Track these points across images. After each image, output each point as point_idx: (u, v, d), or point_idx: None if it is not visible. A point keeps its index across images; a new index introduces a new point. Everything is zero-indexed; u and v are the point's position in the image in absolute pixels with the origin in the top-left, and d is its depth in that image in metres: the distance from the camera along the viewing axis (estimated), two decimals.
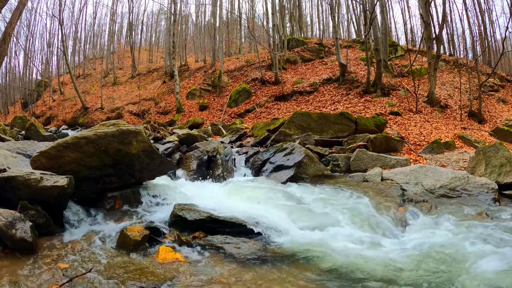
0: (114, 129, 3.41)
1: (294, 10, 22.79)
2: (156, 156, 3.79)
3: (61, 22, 21.99)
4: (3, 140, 6.64)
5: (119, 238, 2.62)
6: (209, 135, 9.50)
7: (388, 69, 13.90)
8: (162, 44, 38.07)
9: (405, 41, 23.49)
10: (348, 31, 27.57)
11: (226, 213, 3.15)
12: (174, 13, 19.39)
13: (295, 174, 4.97)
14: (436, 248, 2.70)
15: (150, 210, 3.50)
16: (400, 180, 4.52)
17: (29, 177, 2.75)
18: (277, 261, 2.52)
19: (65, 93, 26.43)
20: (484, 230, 3.05)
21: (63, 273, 2.12)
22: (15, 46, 30.53)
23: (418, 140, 8.09)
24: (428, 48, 11.49)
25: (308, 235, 3.03)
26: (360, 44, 18.07)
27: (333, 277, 2.29)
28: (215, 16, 23.50)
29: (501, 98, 13.70)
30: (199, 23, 32.55)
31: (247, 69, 18.24)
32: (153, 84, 23.03)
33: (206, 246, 2.71)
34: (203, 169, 5.41)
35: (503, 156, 4.37)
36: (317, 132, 7.27)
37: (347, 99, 12.12)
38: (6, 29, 9.23)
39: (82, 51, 35.65)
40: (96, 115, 20.03)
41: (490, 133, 9.49)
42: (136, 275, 2.16)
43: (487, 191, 3.97)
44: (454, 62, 16.49)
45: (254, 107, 13.86)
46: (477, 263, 2.40)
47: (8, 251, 2.32)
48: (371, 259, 2.52)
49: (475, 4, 19.36)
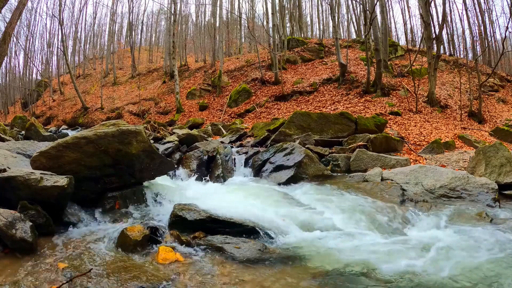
0: (114, 129, 3.42)
1: (294, 10, 22.79)
2: (156, 156, 3.79)
3: (61, 22, 21.99)
4: (3, 140, 6.64)
5: (119, 238, 2.62)
6: (209, 135, 9.50)
7: (388, 69, 13.91)
8: (162, 44, 38.09)
9: (405, 41, 23.53)
10: (348, 31, 27.60)
11: (226, 213, 3.15)
12: (174, 13, 19.39)
13: (295, 174, 4.97)
14: (436, 248, 2.70)
15: (150, 210, 3.51)
16: (400, 180, 4.52)
17: (29, 177, 2.75)
18: (277, 261, 2.52)
19: (65, 93, 26.44)
20: (484, 230, 3.05)
21: (63, 273, 2.12)
22: (15, 46, 30.59)
23: (418, 140, 8.09)
24: (428, 48, 11.49)
25: (308, 235, 3.03)
26: (360, 44, 18.07)
27: (333, 277, 2.29)
28: (215, 16, 23.51)
29: (501, 98, 13.71)
30: (199, 23, 32.58)
31: (247, 69, 18.24)
32: (153, 84, 23.03)
33: (206, 246, 2.71)
34: (203, 169, 5.41)
35: (503, 156, 4.37)
36: (317, 132, 7.28)
37: (347, 99, 12.12)
38: (6, 29, 9.23)
39: (82, 51, 35.69)
40: (96, 115, 20.03)
41: (490, 133, 9.50)
42: (136, 275, 2.16)
43: (487, 191, 3.97)
44: (454, 62, 16.49)
45: (254, 107, 13.86)
46: (476, 263, 2.40)
47: (8, 251, 2.32)
48: (371, 259, 2.52)
49: (475, 4, 19.40)
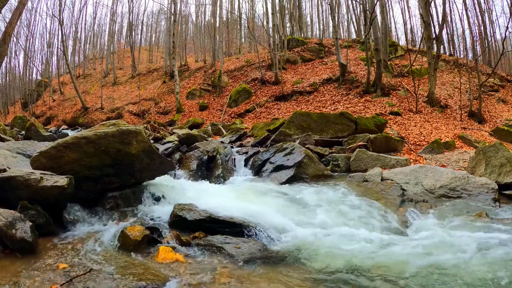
0: (114, 129, 3.41)
1: (294, 10, 22.79)
2: (156, 156, 3.79)
3: (61, 22, 22.01)
4: (3, 140, 6.64)
5: (119, 238, 2.62)
6: (209, 135, 9.50)
7: (388, 69, 13.90)
8: (162, 44, 38.07)
9: (405, 41, 23.54)
10: (348, 31, 27.61)
11: (226, 213, 3.15)
12: (174, 13, 19.39)
13: (295, 174, 4.97)
14: (436, 248, 2.70)
15: (150, 210, 3.50)
16: (400, 180, 4.51)
17: (29, 177, 2.74)
18: (278, 261, 2.52)
19: (65, 93, 26.44)
20: (484, 230, 3.05)
21: (63, 273, 2.12)
22: (15, 46, 30.58)
23: (418, 140, 8.09)
24: (428, 48, 11.49)
25: (308, 234, 3.03)
26: (360, 44, 18.07)
27: (333, 276, 2.29)
28: (215, 16, 23.51)
29: (501, 98, 13.70)
30: (199, 23, 32.60)
31: (247, 69, 18.24)
32: (153, 84, 23.03)
33: (206, 246, 2.71)
34: (203, 169, 5.41)
35: (503, 156, 4.37)
36: (317, 132, 7.28)
37: (347, 99, 12.12)
38: (6, 29, 9.24)
39: (82, 51, 35.72)
40: (96, 115, 20.03)
41: (490, 133, 9.49)
42: (136, 275, 2.15)
43: (487, 191, 3.97)
44: (454, 62, 16.49)
45: (254, 107, 13.86)
46: (476, 263, 2.40)
47: (8, 251, 2.32)
48: (371, 259, 2.52)
49: (475, 4, 19.40)
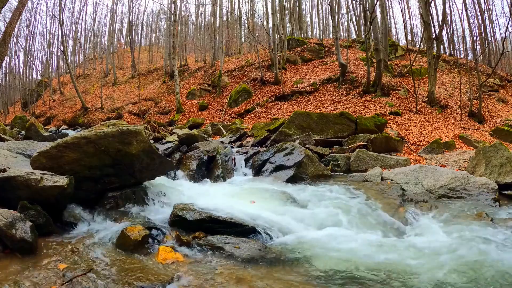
0: (114, 129, 3.41)
1: (294, 10, 22.79)
2: (156, 156, 3.79)
3: (61, 22, 22.01)
4: (3, 140, 6.64)
5: (119, 238, 2.62)
6: (209, 135, 9.50)
7: (388, 69, 13.91)
8: (162, 44, 38.09)
9: (405, 41, 23.55)
10: (348, 31, 27.61)
11: (226, 213, 3.15)
12: (174, 13, 19.39)
13: (295, 174, 4.97)
14: (436, 248, 2.70)
15: (150, 210, 3.50)
16: (400, 180, 4.51)
17: (29, 177, 2.74)
18: (278, 261, 2.52)
19: (65, 93, 26.45)
20: (484, 230, 3.04)
21: (63, 273, 2.12)
22: (15, 46, 30.62)
23: (418, 140, 8.09)
24: (428, 48, 11.49)
25: (308, 234, 3.02)
26: (360, 44, 18.07)
27: (333, 277, 2.29)
28: (215, 16, 23.52)
29: (501, 98, 13.71)
30: (199, 23, 32.61)
31: (247, 69, 18.24)
32: (153, 84, 23.04)
33: (206, 246, 2.70)
34: (203, 169, 5.41)
35: (503, 156, 4.37)
36: (317, 132, 7.28)
37: (347, 99, 12.12)
38: (6, 29, 9.24)
39: (82, 51, 35.74)
40: (96, 115, 20.04)
41: (490, 133, 9.49)
42: (136, 275, 2.15)
43: (487, 191, 3.97)
44: (454, 62, 16.49)
45: (254, 107, 13.86)
46: (476, 263, 2.40)
47: (8, 251, 2.32)
48: (371, 259, 2.52)
49: (475, 4, 19.41)
